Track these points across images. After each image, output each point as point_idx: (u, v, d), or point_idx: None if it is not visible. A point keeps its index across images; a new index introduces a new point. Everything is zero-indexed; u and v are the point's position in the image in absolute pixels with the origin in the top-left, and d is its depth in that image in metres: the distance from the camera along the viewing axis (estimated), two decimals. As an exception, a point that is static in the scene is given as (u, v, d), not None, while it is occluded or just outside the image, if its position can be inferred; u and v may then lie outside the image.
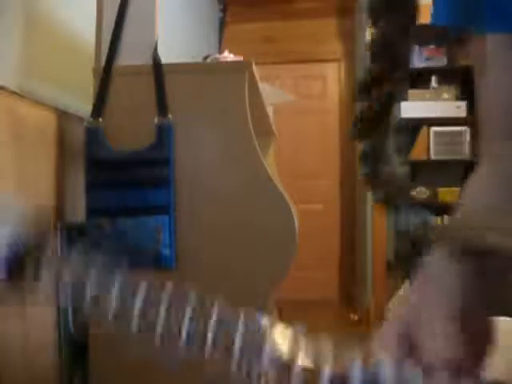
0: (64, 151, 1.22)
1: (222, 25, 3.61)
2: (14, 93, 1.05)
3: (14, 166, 1.03)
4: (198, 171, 1.15)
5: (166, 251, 1.13)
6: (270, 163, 1.87)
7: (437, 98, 2.96)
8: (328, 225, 3.77)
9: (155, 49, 1.14)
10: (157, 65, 1.13)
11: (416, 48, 3.08)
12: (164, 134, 1.13)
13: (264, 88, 1.40)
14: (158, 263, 1.13)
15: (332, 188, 3.81)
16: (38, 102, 1.13)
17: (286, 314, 1.95)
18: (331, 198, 3.81)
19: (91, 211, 1.14)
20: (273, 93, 1.88)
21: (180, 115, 1.13)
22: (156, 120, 1.13)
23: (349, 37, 3.72)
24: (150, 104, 1.13)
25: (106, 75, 1.14)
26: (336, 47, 3.82)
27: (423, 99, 2.97)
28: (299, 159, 3.82)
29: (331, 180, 3.82)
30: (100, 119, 1.13)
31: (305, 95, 3.80)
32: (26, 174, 1.07)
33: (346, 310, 3.26)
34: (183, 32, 2.70)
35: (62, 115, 1.22)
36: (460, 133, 2.91)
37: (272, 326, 0.31)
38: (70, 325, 1.10)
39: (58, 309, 1.16)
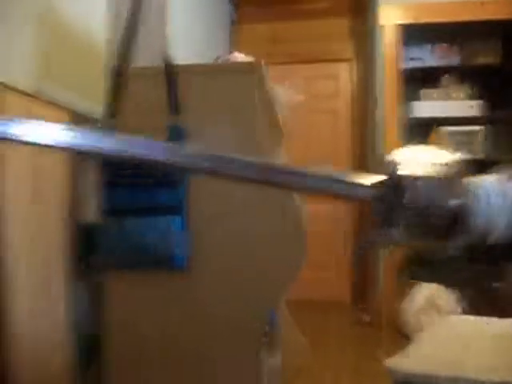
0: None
1: (233, 25, 3.61)
2: (27, 94, 1.06)
3: (29, 166, 1.04)
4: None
5: (178, 251, 1.14)
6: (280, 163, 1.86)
7: (449, 97, 2.94)
8: (339, 224, 3.76)
9: (167, 50, 1.15)
10: (169, 66, 1.14)
11: (429, 46, 3.06)
12: (176, 135, 1.13)
13: (275, 88, 1.40)
14: (170, 263, 1.14)
15: (343, 188, 3.79)
16: (51, 103, 1.14)
17: (298, 314, 1.95)
18: (343, 198, 3.79)
19: (104, 211, 1.15)
20: (283, 93, 1.88)
21: (191, 115, 1.14)
22: (168, 120, 1.13)
23: (361, 36, 3.70)
24: (162, 104, 1.13)
25: (118, 76, 1.15)
26: (348, 46, 3.80)
27: (435, 99, 2.95)
28: (310, 159, 3.81)
29: (343, 180, 3.80)
30: (113, 120, 1.14)
31: (316, 95, 3.79)
32: (40, 174, 1.08)
33: (358, 311, 3.25)
34: (194, 32, 2.71)
35: (75, 115, 1.23)
36: (474, 132, 2.89)
37: None
38: (85, 319, 1.10)
39: (73, 306, 1.17)
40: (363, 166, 3.70)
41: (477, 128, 2.88)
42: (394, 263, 2.91)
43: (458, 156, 0.45)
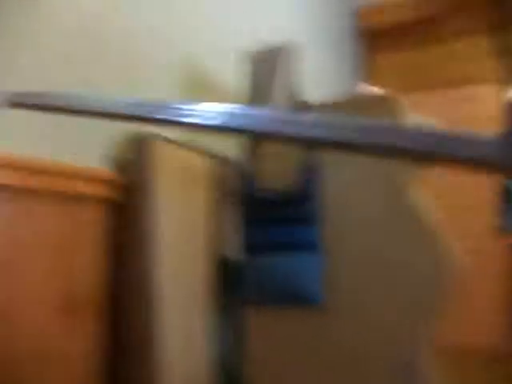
0: (218, 192, 1.30)
1: (366, 57, 3.59)
2: (173, 141, 1.15)
3: (178, 209, 1.11)
4: (345, 208, 1.13)
5: (314, 287, 1.12)
6: (424, 194, 1.75)
7: None
8: (500, 262, 3.38)
9: (299, 89, 1.17)
10: (301, 105, 1.16)
11: None
12: (312, 173, 1.13)
13: (413, 118, 1.34)
14: (307, 300, 1.12)
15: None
16: (193, 149, 1.22)
17: (443, 362, 1.75)
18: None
19: (245, 247, 1.18)
20: (423, 123, 1.79)
21: (326, 154, 1.13)
22: (304, 159, 1.14)
23: (504, 55, 3.41)
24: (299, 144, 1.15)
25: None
26: (489, 66, 3.52)
27: None
28: (463, 189, 3.52)
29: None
30: (253, 161, 1.19)
31: (459, 121, 3.55)
32: (187, 214, 1.15)
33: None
34: (324, 69, 2.75)
35: (215, 159, 1.30)
36: None
37: None
38: (228, 360, 1.12)
39: (216, 341, 1.20)
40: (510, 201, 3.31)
41: None
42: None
43: None
